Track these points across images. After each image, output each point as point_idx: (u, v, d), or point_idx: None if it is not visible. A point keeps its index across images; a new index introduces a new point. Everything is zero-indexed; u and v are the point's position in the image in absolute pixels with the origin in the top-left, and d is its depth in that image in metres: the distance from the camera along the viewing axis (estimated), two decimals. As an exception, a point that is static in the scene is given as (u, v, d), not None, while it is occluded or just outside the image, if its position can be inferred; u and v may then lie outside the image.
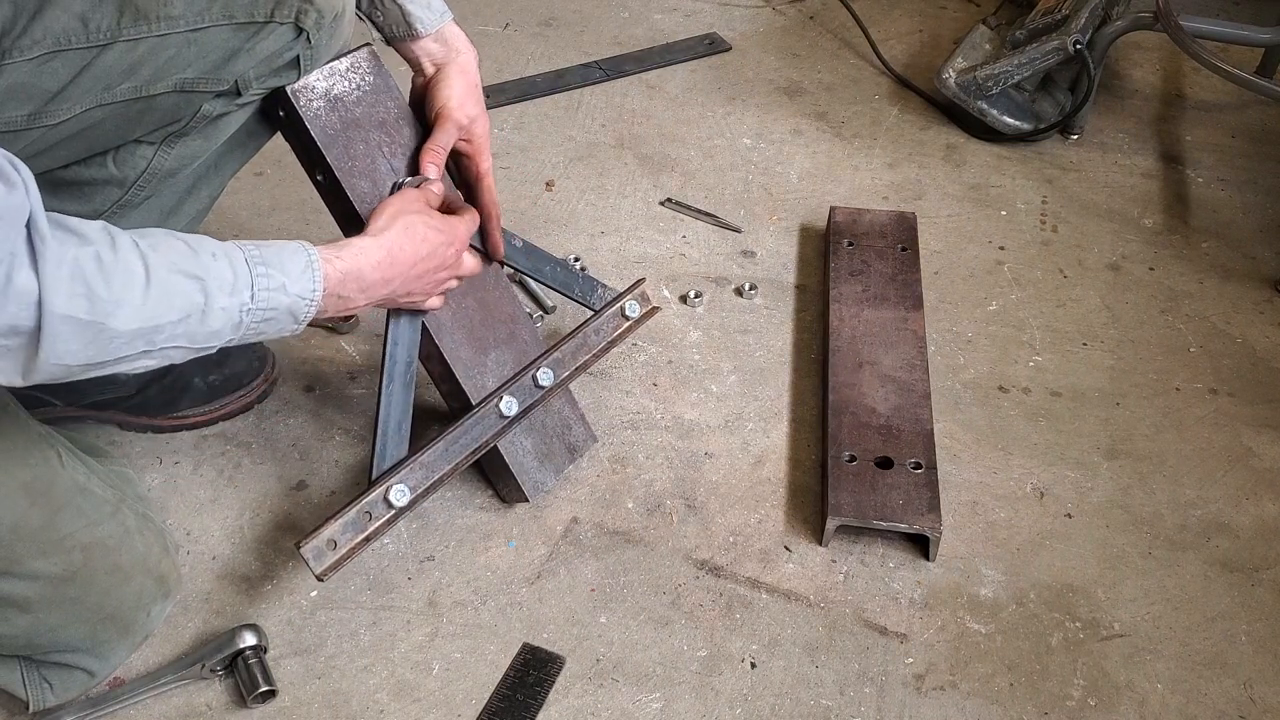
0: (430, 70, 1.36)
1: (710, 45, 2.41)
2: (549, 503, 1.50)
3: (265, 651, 1.30)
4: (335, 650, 1.33)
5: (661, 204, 1.98)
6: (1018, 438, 1.60)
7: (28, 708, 1.25)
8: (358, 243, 1.18)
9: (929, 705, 1.29)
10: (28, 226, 0.89)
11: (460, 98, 1.35)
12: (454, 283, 1.31)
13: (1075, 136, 2.17)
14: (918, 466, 1.47)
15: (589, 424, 1.54)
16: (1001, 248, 1.93)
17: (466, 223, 1.31)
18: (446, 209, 1.32)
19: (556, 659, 1.32)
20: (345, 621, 1.36)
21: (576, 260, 1.84)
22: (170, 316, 0.99)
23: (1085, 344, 1.75)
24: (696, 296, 1.76)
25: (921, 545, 1.44)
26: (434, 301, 1.31)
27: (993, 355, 1.73)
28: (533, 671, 1.31)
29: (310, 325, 1.14)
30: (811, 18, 2.52)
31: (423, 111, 1.38)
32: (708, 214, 1.71)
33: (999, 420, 1.62)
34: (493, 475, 1.49)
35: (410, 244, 1.21)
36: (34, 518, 1.15)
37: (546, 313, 1.77)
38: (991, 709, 1.29)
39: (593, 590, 1.40)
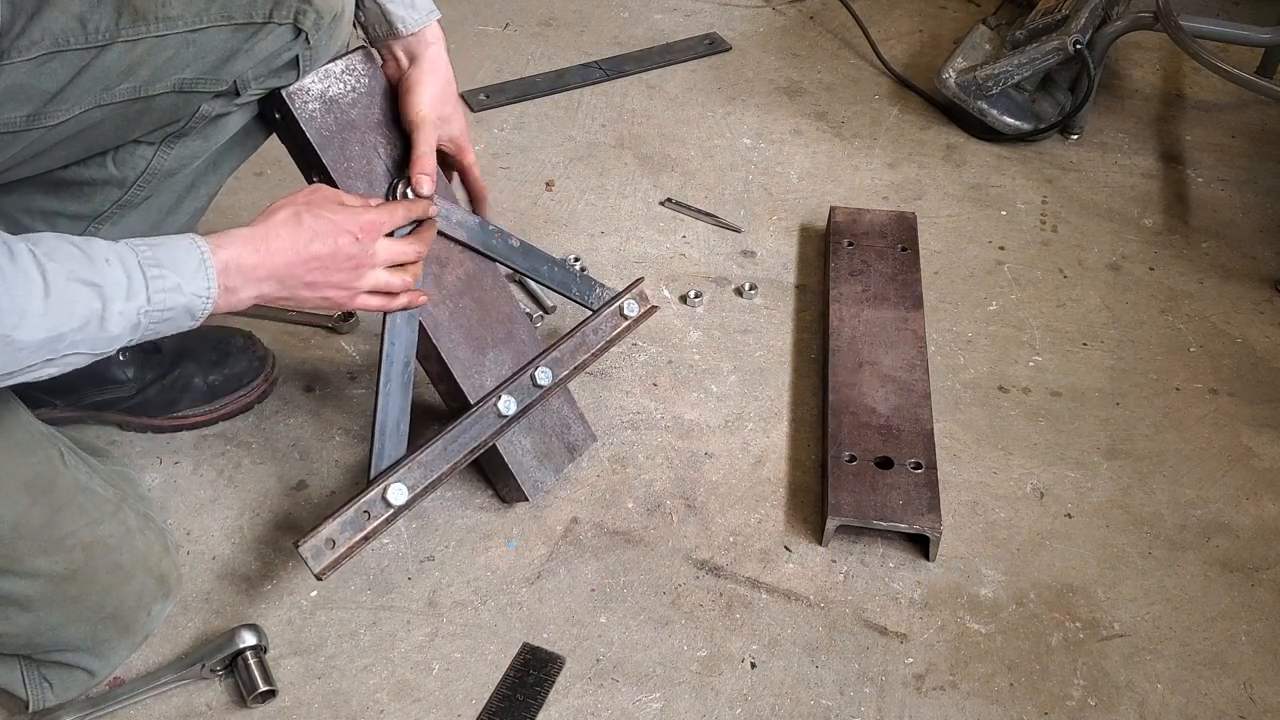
0: (405, 64, 1.34)
1: (710, 45, 2.41)
2: (549, 503, 1.50)
3: (265, 651, 1.30)
4: (335, 650, 1.33)
5: (661, 204, 1.98)
6: (1018, 438, 1.60)
7: (27, 707, 1.25)
8: (236, 232, 1.12)
9: (929, 705, 1.29)
10: None
11: (434, 100, 1.33)
12: (386, 276, 1.22)
13: (1075, 136, 2.17)
14: (918, 466, 1.47)
15: (588, 423, 1.54)
16: (1001, 248, 1.93)
17: (378, 212, 1.21)
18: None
19: (556, 659, 1.32)
20: (345, 621, 1.36)
21: (576, 260, 1.84)
22: (71, 325, 0.97)
23: (1085, 344, 1.75)
24: (696, 296, 1.76)
25: (921, 545, 1.44)
26: (400, 301, 1.25)
27: (993, 355, 1.73)
28: (533, 671, 1.31)
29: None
30: (811, 18, 2.52)
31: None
32: (708, 214, 1.71)
33: (999, 420, 1.62)
34: (492, 474, 1.49)
35: (290, 236, 1.14)
36: (36, 516, 1.15)
37: (546, 312, 1.77)
38: (991, 709, 1.29)
39: (593, 590, 1.40)
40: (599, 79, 2.29)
